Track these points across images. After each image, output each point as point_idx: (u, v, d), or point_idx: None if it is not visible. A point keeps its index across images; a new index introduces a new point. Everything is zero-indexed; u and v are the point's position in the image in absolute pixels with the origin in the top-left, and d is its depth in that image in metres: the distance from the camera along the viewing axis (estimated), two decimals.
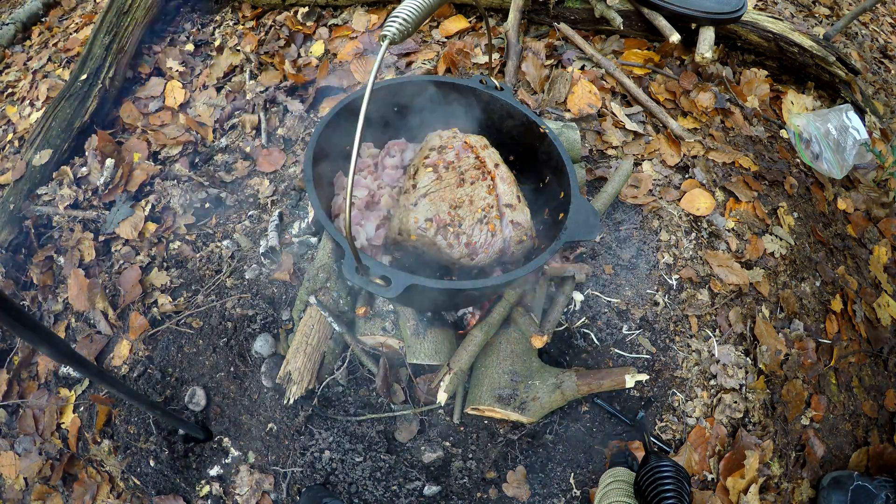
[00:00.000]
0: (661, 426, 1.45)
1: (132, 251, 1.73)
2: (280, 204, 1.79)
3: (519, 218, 1.30)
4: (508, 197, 1.31)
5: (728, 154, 1.91)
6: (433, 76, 1.94)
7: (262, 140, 1.96)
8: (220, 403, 1.48)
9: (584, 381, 1.35)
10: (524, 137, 1.47)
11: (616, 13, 2.07)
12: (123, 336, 1.59)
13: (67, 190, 1.84)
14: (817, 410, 1.52)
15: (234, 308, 1.56)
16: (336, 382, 1.46)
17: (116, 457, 1.48)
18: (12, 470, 1.51)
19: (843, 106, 2.00)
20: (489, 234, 1.26)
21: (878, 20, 2.97)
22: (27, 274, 1.75)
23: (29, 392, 1.61)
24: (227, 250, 1.70)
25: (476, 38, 2.21)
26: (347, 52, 2.19)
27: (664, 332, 1.54)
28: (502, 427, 1.43)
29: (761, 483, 1.38)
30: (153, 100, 2.16)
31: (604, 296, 1.57)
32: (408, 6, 0.90)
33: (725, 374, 1.50)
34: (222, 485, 1.42)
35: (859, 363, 1.64)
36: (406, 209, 1.26)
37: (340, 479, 1.38)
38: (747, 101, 2.12)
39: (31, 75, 2.44)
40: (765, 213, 1.80)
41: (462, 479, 1.39)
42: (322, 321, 1.42)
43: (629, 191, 1.78)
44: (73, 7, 2.82)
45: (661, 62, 2.16)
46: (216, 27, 2.45)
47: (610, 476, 1.21)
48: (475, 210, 1.27)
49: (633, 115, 1.99)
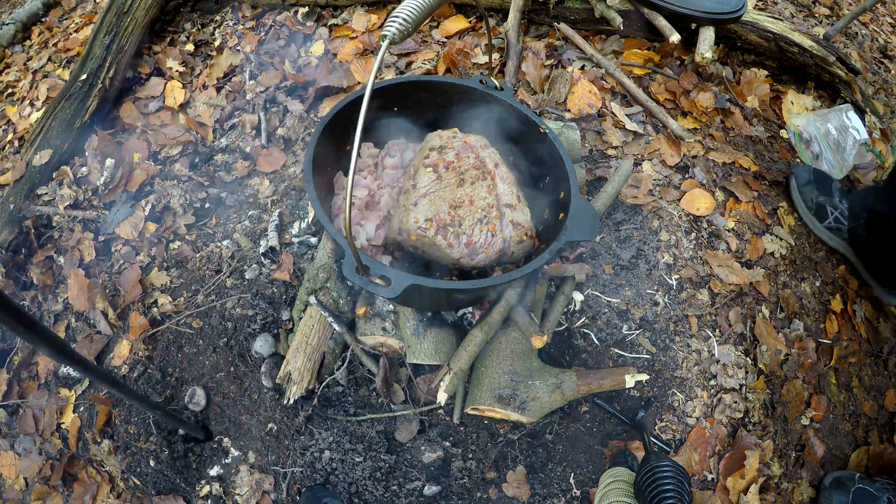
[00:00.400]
0: (661, 426, 1.45)
1: (132, 251, 1.73)
2: (280, 204, 1.79)
3: (519, 218, 1.30)
4: (508, 197, 1.31)
5: (728, 154, 1.91)
6: (433, 76, 1.94)
7: (262, 140, 1.96)
8: (220, 403, 1.48)
9: (584, 381, 1.35)
10: (524, 137, 1.47)
11: (616, 13, 2.07)
12: (123, 336, 1.59)
13: (67, 190, 1.84)
14: (817, 410, 1.52)
15: (234, 308, 1.56)
16: (336, 382, 1.46)
17: (116, 457, 1.48)
18: (12, 470, 1.51)
19: (843, 106, 2.00)
20: (489, 234, 1.26)
21: (878, 20, 2.97)
22: (27, 274, 1.75)
23: (29, 392, 1.61)
24: (227, 250, 1.70)
25: (476, 38, 2.21)
26: (347, 52, 2.19)
27: (664, 332, 1.54)
28: (502, 427, 1.43)
29: (761, 483, 1.39)
30: (153, 100, 2.16)
31: (604, 296, 1.57)
32: (408, 6, 0.90)
33: (725, 374, 1.50)
34: (222, 485, 1.42)
35: (859, 363, 1.64)
36: (406, 209, 1.26)
37: (340, 479, 1.38)
38: (747, 101, 2.12)
39: (31, 75, 2.44)
40: (765, 213, 1.80)
41: (462, 479, 1.39)
42: (322, 321, 1.42)
43: (629, 191, 1.78)
44: (73, 7, 2.83)
45: (661, 62, 2.16)
46: (216, 27, 2.45)
47: (610, 476, 1.21)
48: (475, 210, 1.28)
49: (633, 115, 1.99)
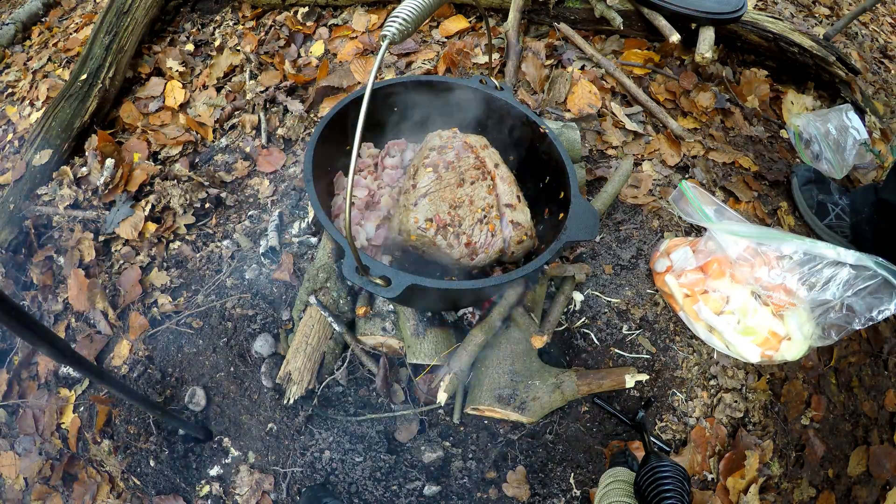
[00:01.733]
0: (661, 426, 1.45)
1: (132, 251, 1.73)
2: (280, 204, 1.79)
3: (519, 218, 1.30)
4: (508, 197, 1.31)
5: (728, 154, 1.91)
6: (433, 76, 1.94)
7: (262, 140, 1.96)
8: (220, 403, 1.48)
9: (584, 381, 1.35)
10: (524, 137, 1.47)
11: (616, 13, 2.07)
12: (123, 336, 1.59)
13: (67, 190, 1.84)
14: (817, 410, 1.52)
15: (234, 308, 1.56)
16: (336, 382, 1.46)
17: (116, 457, 1.48)
18: (12, 470, 1.51)
19: (843, 106, 2.00)
20: (489, 234, 1.26)
21: (878, 20, 2.97)
22: (27, 274, 1.75)
23: (29, 392, 1.61)
24: (227, 250, 1.70)
25: (476, 38, 2.21)
26: (347, 52, 2.19)
27: (664, 332, 1.54)
28: (502, 427, 1.43)
29: (761, 483, 1.38)
30: (153, 100, 2.16)
31: (604, 296, 1.57)
32: (408, 6, 0.90)
33: (725, 375, 1.50)
34: (222, 485, 1.42)
35: (859, 363, 1.64)
36: (406, 209, 1.26)
37: (340, 479, 1.38)
38: (747, 101, 2.12)
39: (31, 75, 2.44)
40: (765, 213, 1.80)
41: (462, 479, 1.39)
42: (322, 321, 1.42)
43: (629, 191, 1.78)
44: (73, 7, 2.83)
45: (661, 62, 2.16)
46: (216, 27, 2.45)
47: (610, 476, 1.21)
48: (475, 210, 1.27)
49: (633, 115, 1.99)
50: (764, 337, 1.37)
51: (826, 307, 1.31)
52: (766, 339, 1.37)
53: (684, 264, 1.48)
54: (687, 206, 1.51)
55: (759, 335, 1.37)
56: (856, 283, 1.26)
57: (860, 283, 1.26)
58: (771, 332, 1.37)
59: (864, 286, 1.25)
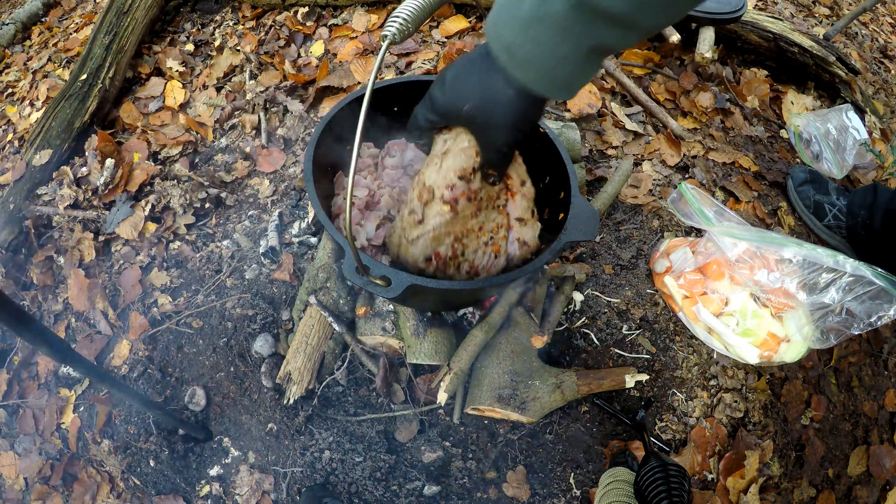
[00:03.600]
0: (661, 426, 1.45)
1: (132, 251, 1.73)
2: (280, 204, 1.79)
3: (527, 236, 1.19)
4: (521, 211, 1.19)
5: (728, 154, 1.91)
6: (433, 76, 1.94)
7: (262, 140, 1.96)
8: (220, 403, 1.48)
9: (584, 381, 1.36)
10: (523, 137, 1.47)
11: None
12: (123, 336, 1.59)
13: (67, 190, 1.84)
14: (817, 410, 1.52)
15: (234, 308, 1.56)
16: (336, 382, 1.46)
17: (116, 457, 1.48)
18: (12, 470, 1.51)
19: (843, 106, 2.00)
20: (492, 256, 1.16)
21: (878, 20, 2.97)
22: (27, 274, 1.75)
23: (29, 392, 1.61)
24: (227, 250, 1.70)
25: (476, 38, 2.21)
26: (347, 52, 2.19)
27: (664, 332, 1.54)
28: (502, 427, 1.43)
29: (761, 483, 1.39)
30: (153, 100, 2.16)
31: (604, 296, 1.57)
32: (408, 6, 0.90)
33: (725, 375, 1.50)
34: (222, 485, 1.42)
35: (859, 363, 1.64)
36: (406, 242, 1.10)
37: (340, 479, 1.38)
38: (747, 101, 2.12)
39: (31, 75, 2.44)
40: (765, 213, 1.80)
41: (462, 479, 1.39)
42: (322, 321, 1.42)
43: (629, 191, 1.78)
44: (73, 7, 2.83)
45: (661, 62, 2.16)
46: (216, 27, 2.45)
47: (610, 476, 1.21)
48: (483, 234, 1.14)
49: (633, 115, 1.99)
50: (763, 339, 1.37)
51: (825, 310, 1.31)
52: (765, 340, 1.37)
53: (683, 265, 1.48)
54: (686, 208, 1.50)
55: (758, 337, 1.37)
56: (855, 288, 1.26)
57: (860, 288, 1.26)
58: (770, 333, 1.37)
59: (863, 291, 1.25)
